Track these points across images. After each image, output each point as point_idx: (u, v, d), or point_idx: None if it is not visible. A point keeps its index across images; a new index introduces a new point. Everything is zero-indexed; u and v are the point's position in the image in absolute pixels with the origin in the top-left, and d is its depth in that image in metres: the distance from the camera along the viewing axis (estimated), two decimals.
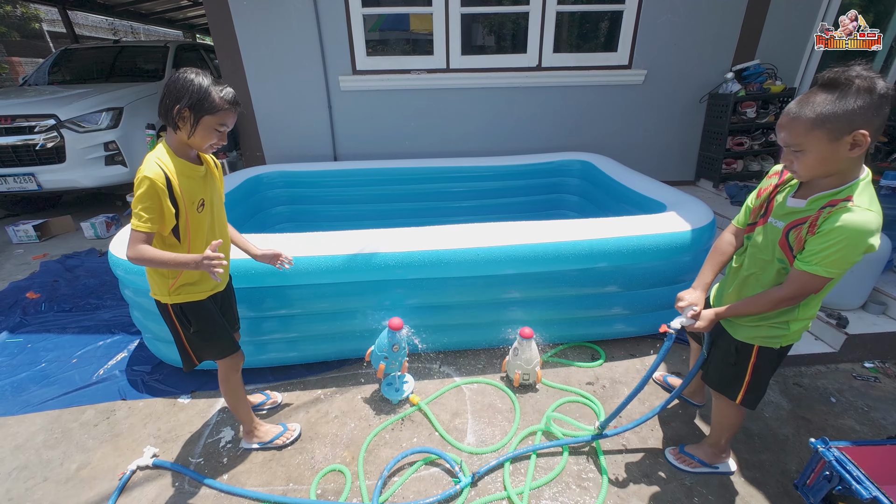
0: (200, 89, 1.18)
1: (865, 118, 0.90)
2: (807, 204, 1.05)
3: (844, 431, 1.73)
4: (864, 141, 0.91)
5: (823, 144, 0.94)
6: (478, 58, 3.83)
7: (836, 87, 0.92)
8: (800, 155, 0.98)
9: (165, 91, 1.20)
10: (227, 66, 3.72)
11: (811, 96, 0.95)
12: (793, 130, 0.97)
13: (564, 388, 1.97)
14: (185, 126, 1.21)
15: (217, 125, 1.24)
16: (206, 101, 1.19)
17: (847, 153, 0.94)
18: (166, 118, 1.22)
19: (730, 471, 1.55)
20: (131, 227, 1.19)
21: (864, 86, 0.89)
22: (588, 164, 3.50)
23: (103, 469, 1.65)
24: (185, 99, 1.17)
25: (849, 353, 2.07)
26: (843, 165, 0.97)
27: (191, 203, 1.28)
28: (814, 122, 0.93)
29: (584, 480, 1.55)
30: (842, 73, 0.91)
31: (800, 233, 1.05)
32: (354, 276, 1.90)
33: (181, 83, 1.18)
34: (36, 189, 3.91)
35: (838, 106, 0.90)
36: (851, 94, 0.90)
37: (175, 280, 1.34)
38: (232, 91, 1.26)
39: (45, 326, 2.53)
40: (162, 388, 2.02)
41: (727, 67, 3.87)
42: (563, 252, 1.94)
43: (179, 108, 1.18)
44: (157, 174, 1.18)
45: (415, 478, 1.58)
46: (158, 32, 13.55)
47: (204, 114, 1.20)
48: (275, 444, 1.71)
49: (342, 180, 3.56)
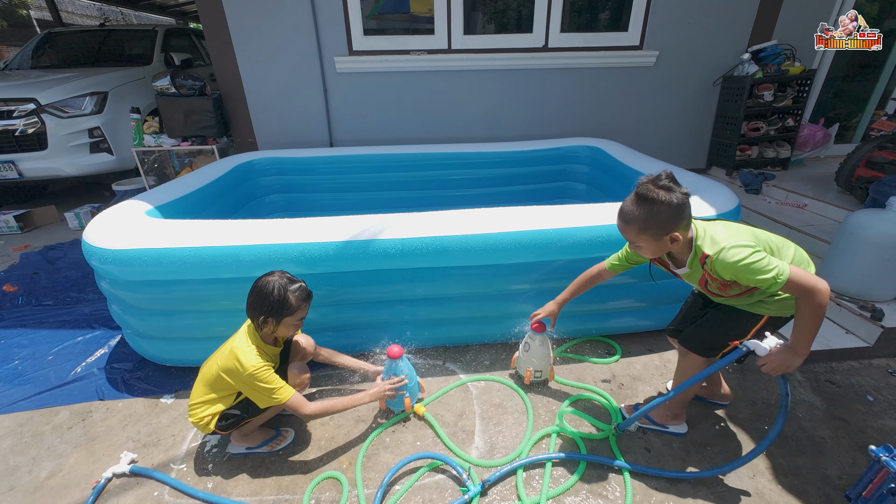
0: (280, 300, 1.38)
1: (673, 223, 1.12)
2: (688, 268, 1.24)
3: (887, 433, 1.58)
4: (678, 238, 1.14)
5: (651, 243, 1.17)
6: (481, 37, 3.63)
7: (645, 201, 1.12)
8: (639, 248, 1.21)
9: (250, 300, 1.42)
10: (216, 46, 3.52)
11: (633, 207, 1.15)
12: (626, 233, 1.20)
13: (579, 385, 1.83)
14: (270, 327, 1.42)
15: (296, 321, 1.45)
16: (284, 308, 1.39)
17: (670, 246, 1.16)
18: (255, 322, 1.43)
19: (680, 433, 1.58)
20: (282, 402, 1.39)
21: (667, 199, 1.09)
22: (597, 149, 3.33)
23: (76, 477, 1.50)
24: (267, 310, 1.39)
25: (884, 348, 1.92)
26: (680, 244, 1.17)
27: None
28: (638, 229, 1.16)
29: (606, 488, 1.40)
30: (649, 189, 1.11)
31: (714, 282, 1.20)
32: (349, 266, 1.74)
33: (262, 296, 1.38)
34: (17, 178, 3.72)
35: (650, 219, 1.12)
36: (657, 206, 1.10)
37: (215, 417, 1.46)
38: (305, 288, 1.45)
39: (21, 321, 2.37)
40: (143, 388, 1.87)
41: (743, 48, 3.68)
42: (578, 238, 1.78)
43: (264, 318, 1.40)
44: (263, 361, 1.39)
45: (418, 486, 1.43)
46: (151, 20, 13.21)
47: (284, 317, 1.41)
48: (265, 448, 1.56)
49: (338, 167, 3.39)
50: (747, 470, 1.45)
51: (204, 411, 1.44)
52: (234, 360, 1.37)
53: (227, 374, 1.39)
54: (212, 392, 1.44)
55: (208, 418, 1.44)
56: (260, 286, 1.40)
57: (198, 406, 1.45)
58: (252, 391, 1.39)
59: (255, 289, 1.41)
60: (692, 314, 1.52)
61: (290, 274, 1.47)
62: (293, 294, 1.40)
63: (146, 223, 1.83)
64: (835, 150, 3.98)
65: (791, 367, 1.12)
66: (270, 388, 1.37)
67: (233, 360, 1.37)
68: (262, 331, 1.43)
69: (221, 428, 1.46)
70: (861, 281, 2.04)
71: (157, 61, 4.72)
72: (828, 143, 3.85)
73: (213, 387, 1.44)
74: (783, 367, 1.13)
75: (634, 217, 1.14)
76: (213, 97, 3.57)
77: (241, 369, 1.35)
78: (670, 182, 1.12)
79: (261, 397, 1.39)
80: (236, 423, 1.47)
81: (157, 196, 2.26)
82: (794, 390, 1.79)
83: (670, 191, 1.10)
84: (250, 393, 1.40)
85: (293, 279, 1.45)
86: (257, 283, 1.42)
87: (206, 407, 1.44)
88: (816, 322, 1.08)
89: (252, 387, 1.37)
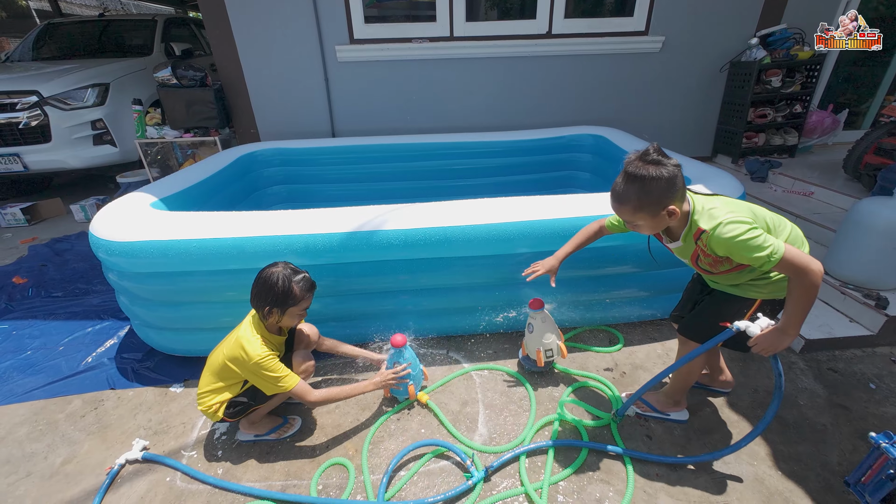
0: (284, 291, 1.39)
1: (668, 197, 1.09)
2: (682, 241, 1.22)
3: (888, 420, 1.59)
4: (675, 211, 1.11)
5: (648, 220, 1.14)
6: (483, 24, 3.57)
7: (636, 179, 1.09)
8: (637, 226, 1.19)
9: (254, 291, 1.42)
10: (216, 36, 3.49)
11: (625, 187, 1.12)
12: (622, 214, 1.18)
13: (581, 373, 1.84)
14: (275, 317, 1.43)
15: (300, 311, 1.46)
16: (289, 298, 1.40)
17: (668, 220, 1.14)
18: (260, 312, 1.44)
19: (682, 419, 1.60)
20: (288, 389, 1.42)
21: (657, 173, 1.07)
22: (601, 138, 3.29)
23: (90, 463, 1.55)
24: (272, 301, 1.39)
25: (888, 336, 1.92)
26: (676, 218, 1.14)
27: None
28: (633, 209, 1.13)
29: (608, 473, 1.43)
30: (638, 167, 1.08)
31: (706, 258, 1.20)
32: (353, 256, 1.75)
33: (267, 287, 1.39)
34: (22, 170, 3.74)
35: (644, 197, 1.10)
36: (648, 183, 1.07)
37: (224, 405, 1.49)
38: (308, 279, 1.46)
39: (32, 312, 2.41)
40: (153, 377, 1.91)
41: (751, 33, 3.60)
42: (580, 228, 1.77)
43: (269, 308, 1.40)
44: (268, 350, 1.41)
45: (423, 472, 1.46)
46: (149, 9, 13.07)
47: (288, 307, 1.41)
48: (273, 436, 1.60)
49: (341, 157, 3.38)
50: (747, 456, 1.47)
51: (212, 399, 1.47)
52: (240, 350, 1.39)
53: (233, 363, 1.41)
54: (219, 381, 1.47)
55: (216, 406, 1.47)
56: (264, 277, 1.41)
57: (206, 395, 1.48)
58: (258, 379, 1.41)
59: (260, 280, 1.42)
60: (692, 299, 1.52)
61: (293, 265, 1.48)
62: (297, 285, 1.41)
63: (152, 215, 1.85)
64: (843, 136, 3.92)
65: (781, 347, 1.12)
66: (276, 376, 1.40)
67: (238, 350, 1.39)
68: (266, 321, 1.45)
69: (230, 415, 1.49)
70: (866, 269, 2.03)
71: (157, 52, 4.69)
72: (836, 129, 3.79)
73: (219, 375, 1.46)
74: (773, 346, 1.13)
75: (628, 197, 1.12)
76: (215, 88, 3.56)
77: (247, 358, 1.37)
78: (659, 155, 1.09)
79: (267, 385, 1.41)
80: (244, 410, 1.50)
81: (162, 188, 2.27)
82: (797, 378, 1.80)
83: (660, 164, 1.08)
84: (256, 381, 1.42)
85: (297, 270, 1.46)
86: (261, 273, 1.42)
87: (213, 395, 1.47)
88: (808, 302, 1.08)
89: (258, 375, 1.40)
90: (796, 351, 1.93)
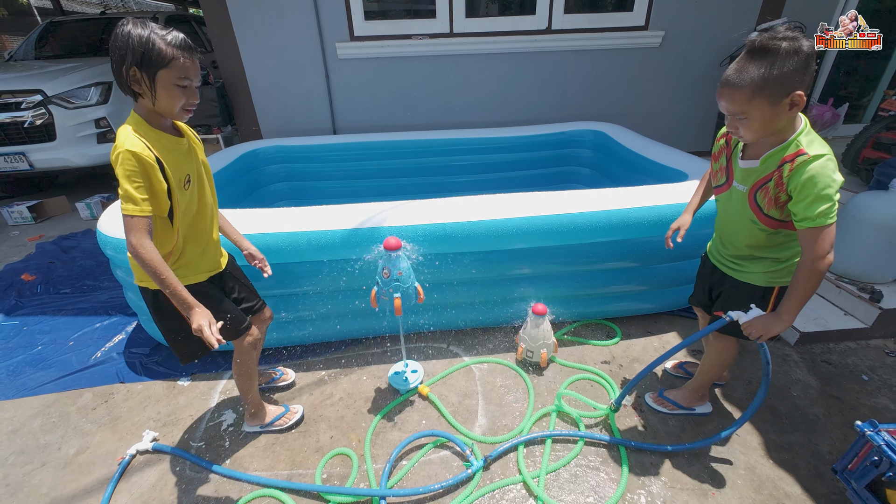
0: (141, 40, 1.00)
1: (799, 79, 0.94)
2: (760, 163, 1.10)
3: (879, 411, 1.63)
4: (800, 100, 0.96)
5: (765, 109, 0.98)
6: (483, 20, 3.58)
7: (766, 53, 0.94)
8: (745, 121, 1.02)
9: (110, 54, 1.02)
10: (217, 33, 3.51)
11: (746, 65, 0.97)
12: (734, 100, 1.00)
13: (579, 366, 1.88)
14: (144, 89, 1.04)
15: (177, 80, 1.05)
16: (152, 52, 1.01)
17: (787, 113, 0.99)
18: (121, 85, 1.06)
19: (706, 412, 1.62)
20: (123, 213, 1.03)
21: (792, 48, 0.92)
22: (601, 133, 3.31)
23: (102, 454, 1.60)
24: (129, 57, 1.01)
25: (881, 329, 1.95)
26: (784, 123, 1.02)
27: (177, 180, 1.13)
28: (753, 91, 0.96)
29: (603, 462, 1.47)
30: (770, 39, 0.94)
31: (768, 193, 1.09)
32: (356, 253, 1.78)
33: (120, 40, 1.00)
34: (28, 169, 3.79)
35: (772, 73, 0.94)
36: (781, 58, 0.92)
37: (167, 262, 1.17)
38: (180, 35, 1.06)
39: (41, 308, 2.46)
40: (161, 371, 1.96)
41: (752, 27, 3.60)
42: (579, 224, 1.80)
43: (126, 68, 1.02)
44: (141, 147, 1.02)
45: (424, 461, 1.51)
46: (150, 6, 13.06)
47: (156, 69, 1.02)
48: (276, 425, 1.64)
49: (343, 154, 3.40)
50: (740, 446, 1.51)
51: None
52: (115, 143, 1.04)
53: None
54: None
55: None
56: (115, 31, 1.02)
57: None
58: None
59: (111, 37, 1.03)
60: (704, 283, 1.48)
61: None
62: (162, 36, 1.03)
63: None
64: (844, 130, 3.91)
65: (773, 332, 1.13)
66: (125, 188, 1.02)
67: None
68: (136, 99, 1.08)
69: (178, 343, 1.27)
70: (861, 263, 2.05)
71: None
72: (836, 123, 3.79)
73: None
74: (765, 330, 1.13)
75: (750, 76, 0.95)
76: (217, 85, 3.59)
77: (114, 149, 1.03)
78: (793, 32, 0.92)
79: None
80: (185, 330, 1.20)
81: None
82: (791, 370, 1.83)
83: (796, 40, 0.91)
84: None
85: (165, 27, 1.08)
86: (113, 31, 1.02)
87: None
88: (809, 290, 1.06)
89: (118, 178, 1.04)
90: (791, 343, 1.97)
